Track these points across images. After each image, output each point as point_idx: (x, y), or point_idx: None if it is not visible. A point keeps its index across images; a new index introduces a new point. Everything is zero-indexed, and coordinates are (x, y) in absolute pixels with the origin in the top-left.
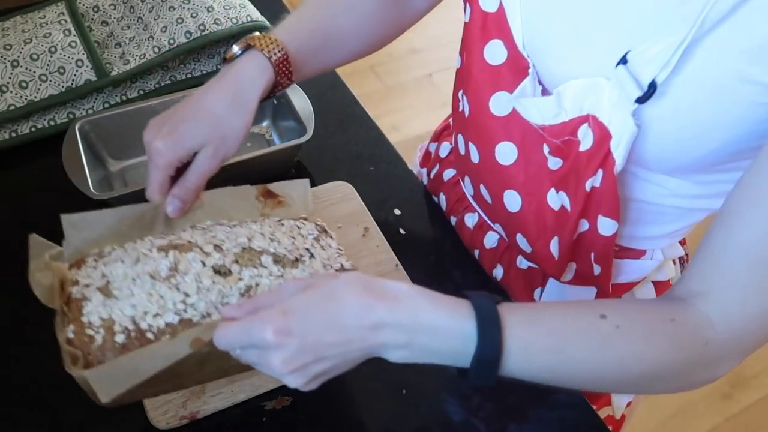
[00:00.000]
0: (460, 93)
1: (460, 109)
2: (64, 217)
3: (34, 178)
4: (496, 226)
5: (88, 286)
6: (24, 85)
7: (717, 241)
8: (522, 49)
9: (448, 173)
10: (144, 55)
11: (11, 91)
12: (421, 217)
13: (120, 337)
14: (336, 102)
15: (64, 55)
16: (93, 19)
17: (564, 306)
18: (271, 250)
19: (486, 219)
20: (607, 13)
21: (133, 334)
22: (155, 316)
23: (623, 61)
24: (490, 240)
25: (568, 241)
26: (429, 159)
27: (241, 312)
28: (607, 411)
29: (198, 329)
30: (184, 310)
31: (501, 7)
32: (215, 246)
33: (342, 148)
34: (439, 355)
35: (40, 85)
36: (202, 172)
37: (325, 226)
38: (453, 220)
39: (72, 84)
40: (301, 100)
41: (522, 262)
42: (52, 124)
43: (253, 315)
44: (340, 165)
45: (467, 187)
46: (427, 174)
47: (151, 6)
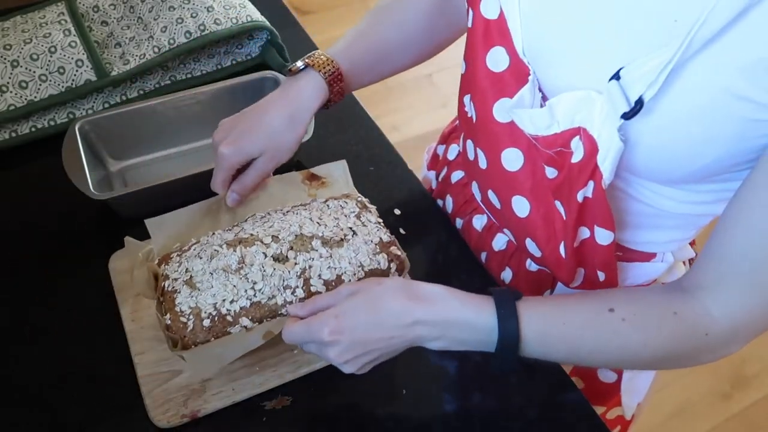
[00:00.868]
0: (467, 98)
1: (469, 115)
2: (148, 221)
3: (34, 178)
4: (505, 230)
5: (176, 279)
6: (24, 85)
7: (720, 241)
8: (522, 56)
9: (456, 175)
10: (144, 55)
11: (11, 91)
12: (421, 217)
13: (206, 322)
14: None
15: (64, 55)
16: (93, 19)
17: (577, 299)
18: (320, 234)
19: (495, 221)
20: (603, 27)
21: (216, 318)
22: (231, 302)
23: (616, 76)
24: (499, 242)
25: (571, 248)
26: (437, 162)
27: (303, 311)
28: (617, 411)
29: (269, 324)
30: (254, 295)
31: (502, 13)
32: (273, 236)
33: (342, 148)
34: (469, 344)
35: (40, 85)
36: (258, 174)
37: (366, 202)
38: (459, 222)
39: (72, 84)
40: None
41: (531, 265)
42: (52, 124)
43: (312, 317)
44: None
45: (476, 191)
46: (436, 177)
47: (151, 6)
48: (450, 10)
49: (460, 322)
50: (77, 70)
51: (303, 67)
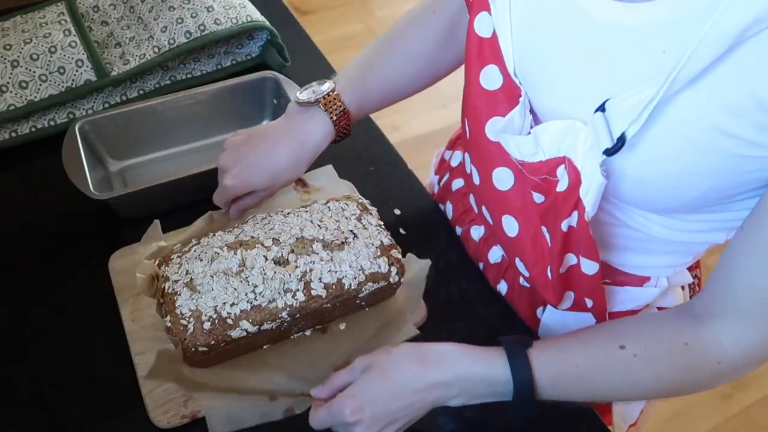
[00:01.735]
0: (463, 113)
1: (465, 130)
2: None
3: (34, 178)
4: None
5: (176, 281)
6: (24, 85)
7: (727, 271)
8: (514, 77)
9: (457, 183)
10: (144, 55)
11: (11, 91)
12: (421, 217)
13: (207, 325)
14: None
15: (64, 55)
16: (93, 19)
17: (586, 337)
18: (321, 237)
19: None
20: (591, 56)
21: (216, 321)
22: (232, 305)
23: (602, 108)
24: (495, 255)
25: (557, 273)
26: (443, 166)
27: (325, 393)
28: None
29: (292, 401)
30: (255, 298)
31: (495, 33)
32: (274, 239)
33: (342, 148)
34: (486, 397)
35: (40, 85)
36: (258, 200)
37: (367, 204)
38: (458, 230)
39: (72, 84)
40: None
41: (525, 281)
42: (52, 124)
43: (332, 400)
44: (340, 165)
45: (473, 203)
46: (438, 182)
47: (151, 6)
48: (459, 37)
49: (473, 378)
50: (77, 70)
51: (314, 99)
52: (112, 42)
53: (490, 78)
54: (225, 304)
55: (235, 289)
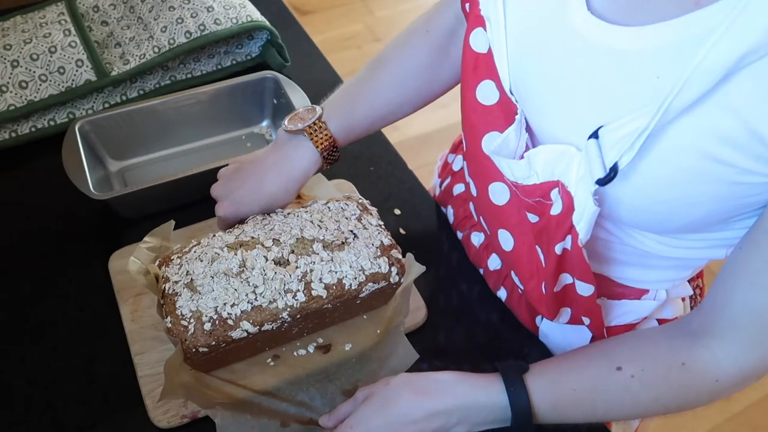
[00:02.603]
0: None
1: (463, 141)
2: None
3: (34, 178)
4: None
5: (177, 282)
6: (24, 85)
7: (723, 289)
8: (510, 95)
9: (458, 188)
10: (144, 55)
11: (11, 91)
12: (421, 217)
13: (207, 326)
14: None
15: (64, 55)
16: (93, 19)
17: (583, 358)
18: (321, 237)
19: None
20: (585, 80)
21: (217, 321)
22: (232, 305)
23: (595, 135)
24: (494, 262)
25: (551, 292)
26: (445, 169)
27: (330, 423)
28: None
29: (302, 428)
30: (255, 299)
31: (490, 49)
32: (274, 240)
33: (342, 148)
34: (487, 423)
35: (40, 85)
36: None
37: (367, 204)
38: (459, 234)
39: (72, 84)
40: (301, 100)
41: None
42: (52, 124)
43: (335, 430)
44: (340, 165)
45: (473, 211)
46: (440, 185)
47: (151, 6)
48: (454, 54)
49: (473, 405)
50: (77, 70)
51: (301, 128)
52: (112, 42)
53: (487, 93)
54: (225, 304)
55: (235, 289)
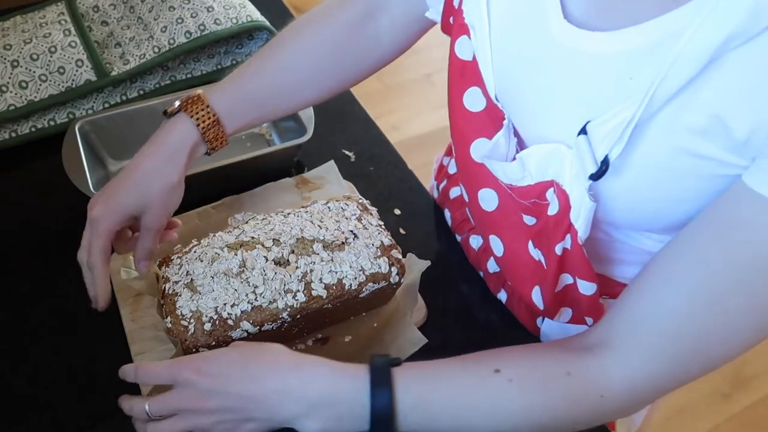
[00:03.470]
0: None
1: (452, 147)
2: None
3: (34, 178)
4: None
5: (177, 282)
6: (24, 85)
7: (632, 301)
8: (496, 101)
9: (455, 191)
10: (144, 55)
11: (11, 91)
12: (421, 218)
13: (207, 326)
14: (336, 102)
15: (64, 55)
16: (93, 19)
17: (463, 361)
18: (321, 237)
19: None
20: (567, 82)
21: (217, 322)
22: (232, 306)
23: (584, 131)
24: (493, 265)
25: (551, 293)
26: (441, 172)
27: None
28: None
29: None
30: (255, 299)
31: (475, 57)
32: (274, 240)
33: (342, 148)
34: (344, 420)
35: (40, 85)
36: (152, 233)
37: (367, 204)
38: (458, 237)
39: (72, 84)
40: None
41: (536, 290)
42: (52, 124)
43: (176, 359)
44: (340, 165)
45: (469, 215)
46: (437, 187)
47: (151, 6)
48: (359, 45)
49: (332, 394)
50: (77, 70)
51: (177, 111)
52: (112, 42)
53: (474, 100)
54: (225, 304)
55: (235, 289)
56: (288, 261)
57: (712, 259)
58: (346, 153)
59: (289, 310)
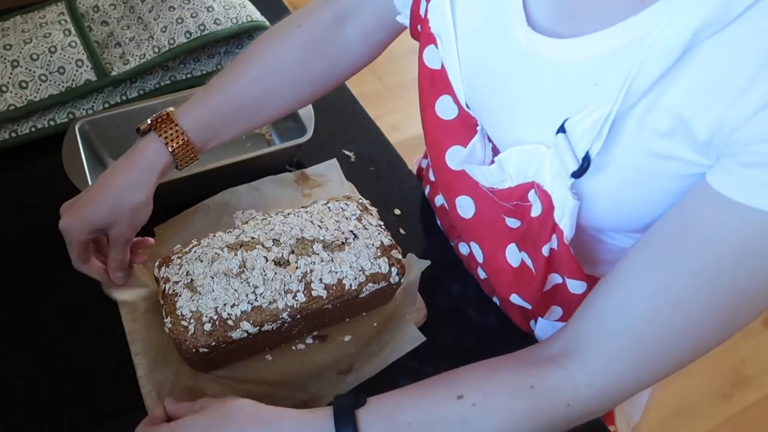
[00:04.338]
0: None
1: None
2: (157, 229)
3: (34, 178)
4: None
5: (177, 282)
6: (24, 85)
7: (597, 304)
8: (467, 109)
9: (439, 199)
10: (144, 55)
11: (11, 91)
12: (421, 218)
13: (207, 326)
14: (336, 102)
15: (64, 55)
16: (93, 19)
17: (426, 389)
18: (321, 238)
19: None
20: (534, 89)
21: (217, 322)
22: (233, 306)
23: (562, 129)
24: (482, 273)
25: (538, 295)
26: (420, 175)
27: (159, 411)
28: (611, 429)
29: None
30: (255, 300)
31: (443, 66)
32: (274, 240)
33: (342, 148)
34: None
35: (40, 85)
36: (121, 246)
37: (367, 204)
38: (452, 243)
39: (72, 84)
40: None
41: (514, 296)
42: (52, 124)
43: (156, 426)
44: (341, 165)
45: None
46: (423, 193)
47: (151, 6)
48: (329, 52)
49: None
50: (77, 70)
51: (149, 129)
52: (112, 42)
53: (446, 108)
54: (225, 305)
55: (235, 290)
56: (288, 261)
57: (674, 260)
58: (346, 153)
59: (289, 310)
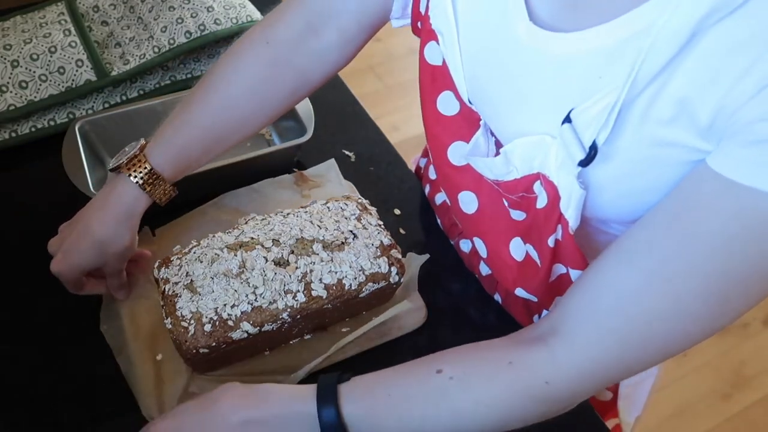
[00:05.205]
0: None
1: (429, 153)
2: (157, 230)
3: (34, 178)
4: None
5: (176, 283)
6: (24, 85)
7: (588, 283)
8: (469, 104)
9: (440, 197)
10: (144, 55)
11: (11, 91)
12: (421, 218)
13: (207, 327)
14: (336, 102)
15: (64, 55)
16: (93, 19)
17: (407, 366)
18: (320, 238)
19: None
20: (540, 80)
21: (217, 322)
22: (233, 306)
23: (568, 119)
24: (485, 268)
25: (543, 287)
26: (419, 174)
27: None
28: (613, 422)
29: None
30: (255, 300)
31: (445, 62)
32: (274, 240)
33: (342, 148)
34: None
35: (40, 85)
36: (116, 277)
37: (366, 204)
38: (451, 241)
39: (72, 84)
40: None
41: (519, 290)
42: (52, 124)
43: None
44: (340, 165)
45: (456, 219)
46: (423, 191)
47: (151, 6)
48: (302, 65)
49: (286, 416)
50: (77, 70)
51: (125, 162)
52: (112, 42)
53: (447, 104)
54: (225, 305)
55: (235, 290)
56: (288, 261)
57: (667, 240)
58: (346, 153)
59: (289, 310)
